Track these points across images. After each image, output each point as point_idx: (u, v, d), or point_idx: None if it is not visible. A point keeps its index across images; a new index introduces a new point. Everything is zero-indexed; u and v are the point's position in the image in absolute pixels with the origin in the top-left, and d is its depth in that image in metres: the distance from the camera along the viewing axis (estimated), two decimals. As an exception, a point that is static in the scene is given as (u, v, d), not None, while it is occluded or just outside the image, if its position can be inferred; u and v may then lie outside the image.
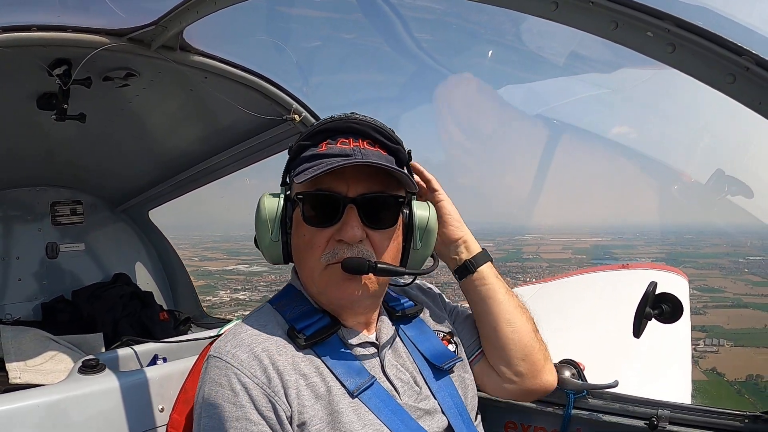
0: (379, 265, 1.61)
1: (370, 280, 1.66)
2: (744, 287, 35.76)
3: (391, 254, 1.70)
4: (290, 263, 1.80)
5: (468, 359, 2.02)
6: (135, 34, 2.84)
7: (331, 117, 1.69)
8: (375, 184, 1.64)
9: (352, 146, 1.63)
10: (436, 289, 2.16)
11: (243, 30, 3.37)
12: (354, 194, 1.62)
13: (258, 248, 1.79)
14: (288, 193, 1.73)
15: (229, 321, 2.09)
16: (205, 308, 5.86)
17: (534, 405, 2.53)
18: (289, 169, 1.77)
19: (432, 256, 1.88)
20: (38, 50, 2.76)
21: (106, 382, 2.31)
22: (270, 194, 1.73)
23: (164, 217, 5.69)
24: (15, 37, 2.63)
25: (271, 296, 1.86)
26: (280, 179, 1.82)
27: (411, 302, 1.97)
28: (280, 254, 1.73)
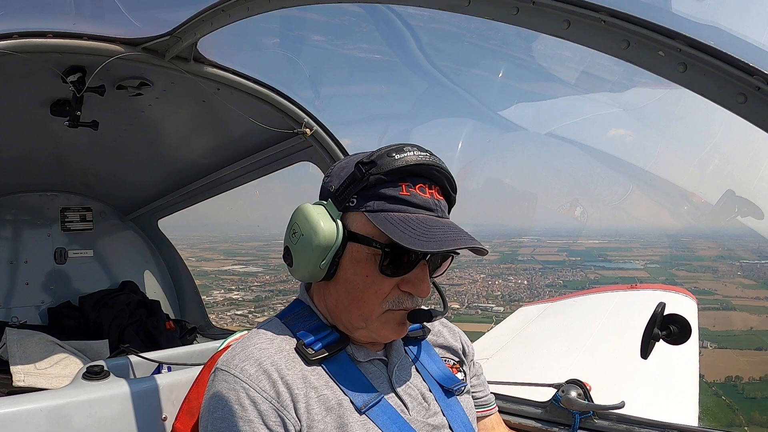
0: (436, 316, 1.66)
1: None
2: (734, 290, 35.44)
3: None
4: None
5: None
6: (150, 44, 2.87)
7: (408, 152, 1.58)
8: None
9: (428, 195, 1.60)
10: (455, 327, 2.14)
11: (256, 42, 3.39)
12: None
13: (287, 262, 1.73)
14: (342, 216, 1.63)
15: (233, 332, 2.09)
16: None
17: (539, 425, 2.52)
18: (353, 192, 1.62)
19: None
20: (53, 57, 2.79)
21: (110, 389, 2.31)
22: (324, 213, 1.64)
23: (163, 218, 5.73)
24: (31, 42, 2.66)
25: (264, 296, 1.83)
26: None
27: (418, 324, 1.96)
28: (321, 277, 1.67)
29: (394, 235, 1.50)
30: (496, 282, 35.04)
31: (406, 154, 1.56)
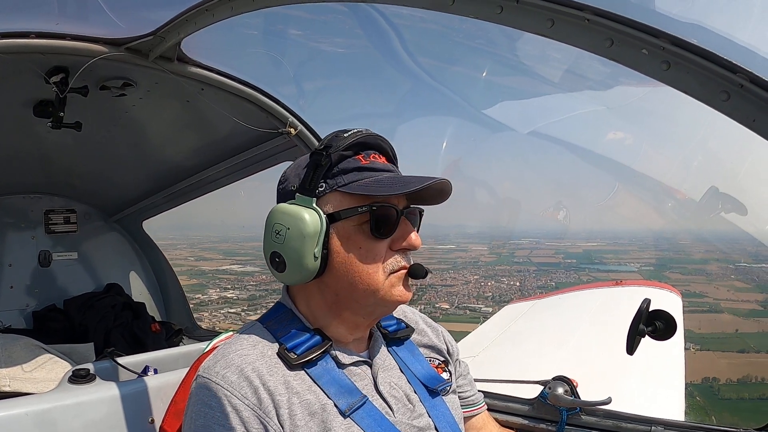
0: (428, 272, 1.69)
1: None
2: (726, 293, 35.83)
3: None
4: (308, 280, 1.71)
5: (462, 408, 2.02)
6: (133, 44, 2.85)
7: (351, 130, 1.69)
8: (409, 198, 1.72)
9: (383, 161, 1.71)
10: (439, 326, 2.14)
11: (240, 42, 3.37)
12: (402, 206, 1.67)
13: (278, 269, 1.69)
14: (317, 200, 1.65)
15: (219, 334, 2.08)
16: (192, 305, 5.85)
17: (526, 422, 2.53)
18: (318, 178, 1.65)
19: None
20: (36, 57, 2.76)
21: (97, 393, 2.29)
22: (302, 206, 1.64)
23: (164, 217, 5.70)
24: (13, 43, 2.63)
25: (258, 295, 1.82)
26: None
27: (403, 324, 1.96)
28: (316, 270, 1.64)
29: (373, 192, 1.59)
30: (489, 283, 35.16)
31: (352, 131, 1.67)
